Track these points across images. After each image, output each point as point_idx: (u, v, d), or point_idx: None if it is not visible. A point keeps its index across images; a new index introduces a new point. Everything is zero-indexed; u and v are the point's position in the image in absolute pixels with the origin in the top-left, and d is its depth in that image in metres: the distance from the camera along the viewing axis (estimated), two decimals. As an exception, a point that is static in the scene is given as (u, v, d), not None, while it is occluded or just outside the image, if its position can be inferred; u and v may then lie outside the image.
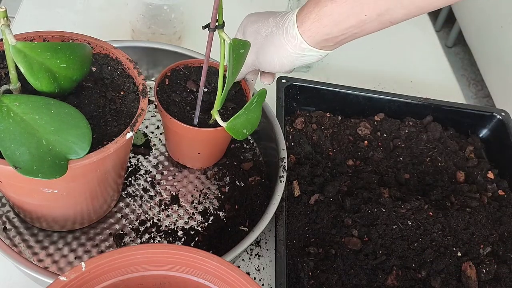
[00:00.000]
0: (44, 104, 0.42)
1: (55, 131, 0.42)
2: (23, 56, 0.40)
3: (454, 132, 0.74)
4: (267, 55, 0.52)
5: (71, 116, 0.43)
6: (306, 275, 0.55)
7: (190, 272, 0.42)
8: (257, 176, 0.63)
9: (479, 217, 0.61)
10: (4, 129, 0.40)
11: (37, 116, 0.41)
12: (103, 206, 0.56)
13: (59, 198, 0.49)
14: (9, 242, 0.54)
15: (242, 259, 0.59)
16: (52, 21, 0.81)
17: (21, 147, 0.40)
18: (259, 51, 0.53)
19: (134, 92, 0.50)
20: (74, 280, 0.39)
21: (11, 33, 0.39)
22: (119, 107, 0.49)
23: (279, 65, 0.52)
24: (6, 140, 0.40)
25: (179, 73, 0.60)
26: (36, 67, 0.41)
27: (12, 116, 0.41)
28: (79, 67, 0.45)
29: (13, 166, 0.39)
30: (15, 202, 0.52)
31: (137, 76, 0.50)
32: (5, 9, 0.38)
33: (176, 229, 0.58)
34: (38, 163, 0.40)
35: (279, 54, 0.51)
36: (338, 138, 0.70)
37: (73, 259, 0.54)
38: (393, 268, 0.56)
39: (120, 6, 0.86)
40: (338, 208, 0.61)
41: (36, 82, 0.42)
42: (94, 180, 0.49)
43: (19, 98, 0.42)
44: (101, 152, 0.43)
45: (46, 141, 0.41)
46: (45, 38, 0.50)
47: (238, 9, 0.92)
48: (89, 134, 0.43)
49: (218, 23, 0.45)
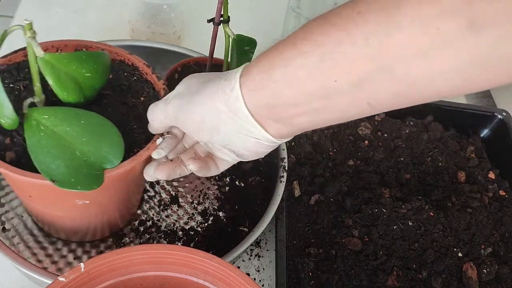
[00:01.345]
0: (73, 115, 0.42)
1: (88, 141, 0.41)
2: (51, 68, 0.39)
3: (455, 132, 0.74)
4: (190, 104, 0.38)
5: (101, 126, 0.42)
6: (307, 276, 0.55)
7: (190, 273, 0.42)
8: (257, 176, 0.63)
9: (480, 217, 0.61)
10: (36, 143, 0.39)
11: (68, 127, 0.41)
12: (129, 212, 0.56)
13: (89, 208, 0.48)
14: (8, 242, 0.54)
15: (242, 259, 0.59)
16: (51, 21, 0.81)
17: (56, 160, 0.39)
18: (183, 99, 0.39)
19: (155, 97, 0.49)
20: (73, 280, 0.39)
21: (38, 45, 0.38)
22: (142, 113, 0.47)
23: (197, 122, 0.38)
24: (39, 154, 0.39)
25: (189, 69, 0.60)
26: (63, 78, 0.40)
27: (42, 129, 0.40)
28: (101, 76, 0.45)
29: (50, 179, 0.38)
30: (41, 215, 0.51)
31: (156, 81, 0.49)
32: (30, 22, 0.37)
33: (175, 230, 0.58)
34: (75, 175, 0.39)
35: (203, 106, 0.37)
36: (339, 138, 0.70)
37: (72, 260, 0.54)
38: (393, 268, 0.56)
39: (120, 5, 0.86)
40: (338, 209, 0.60)
41: (64, 93, 0.41)
42: (123, 188, 0.49)
43: (47, 110, 0.41)
44: (134, 159, 0.43)
45: (80, 152, 0.40)
46: (58, 47, 0.49)
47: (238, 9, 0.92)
48: (121, 142, 0.42)
49: (223, 18, 0.45)
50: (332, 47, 0.30)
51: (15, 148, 0.42)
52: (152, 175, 0.44)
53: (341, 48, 0.29)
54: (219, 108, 0.36)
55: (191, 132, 0.40)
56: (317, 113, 0.33)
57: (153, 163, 0.45)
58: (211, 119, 0.37)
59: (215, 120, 0.37)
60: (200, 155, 0.45)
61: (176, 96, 0.40)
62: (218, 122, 0.37)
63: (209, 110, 0.37)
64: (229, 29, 0.45)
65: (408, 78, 0.28)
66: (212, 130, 0.38)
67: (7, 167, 0.39)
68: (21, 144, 0.42)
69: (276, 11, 0.86)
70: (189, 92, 0.39)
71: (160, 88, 0.49)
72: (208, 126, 0.38)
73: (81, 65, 0.42)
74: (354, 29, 0.29)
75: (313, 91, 0.32)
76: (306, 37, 0.31)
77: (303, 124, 0.35)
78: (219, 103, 0.36)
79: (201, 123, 0.38)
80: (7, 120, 0.39)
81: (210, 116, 0.37)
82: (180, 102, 0.39)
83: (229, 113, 0.36)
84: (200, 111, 0.37)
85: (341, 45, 0.29)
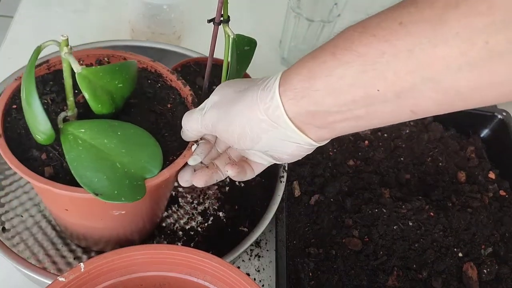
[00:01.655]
0: (109, 126, 0.41)
1: (127, 152, 0.41)
2: (88, 82, 0.39)
3: (455, 132, 0.74)
4: (229, 115, 0.38)
5: (138, 136, 0.42)
6: (307, 276, 0.55)
7: (190, 273, 0.42)
8: (257, 176, 0.63)
9: (480, 217, 0.61)
10: (76, 157, 0.39)
11: (106, 140, 0.41)
12: (157, 217, 0.56)
13: (124, 218, 0.48)
14: (8, 242, 0.54)
15: (242, 259, 0.59)
16: (51, 21, 0.81)
17: (97, 173, 0.39)
18: (221, 109, 0.39)
19: (182, 103, 0.49)
20: (73, 281, 0.39)
21: (76, 61, 0.38)
22: (171, 120, 0.47)
23: (237, 133, 0.38)
24: (80, 168, 0.39)
25: (189, 69, 0.60)
26: (99, 92, 0.40)
27: (80, 143, 0.40)
28: (131, 85, 0.44)
29: (94, 193, 0.38)
30: (75, 228, 0.50)
31: (182, 87, 0.49)
32: (67, 37, 0.37)
33: (176, 230, 0.58)
34: (118, 187, 0.39)
35: (243, 116, 0.37)
36: (339, 138, 0.70)
37: (72, 260, 0.54)
38: (394, 268, 0.56)
39: (120, 5, 0.86)
40: (338, 209, 0.60)
41: (98, 106, 0.41)
42: (157, 195, 0.49)
43: (82, 124, 0.41)
44: (172, 168, 0.42)
45: (120, 164, 0.40)
46: (80, 58, 0.49)
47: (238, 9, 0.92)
48: (159, 151, 0.42)
49: (223, 18, 0.45)
50: (374, 58, 0.29)
51: (52, 163, 0.42)
52: (188, 181, 0.44)
53: (383, 59, 0.29)
54: (259, 117, 0.36)
55: (231, 141, 0.40)
56: (360, 119, 0.33)
57: (188, 169, 0.44)
58: (252, 128, 0.37)
59: (255, 129, 0.37)
60: (234, 159, 0.45)
61: (213, 106, 0.40)
62: (259, 131, 0.37)
63: (249, 120, 0.37)
64: (229, 29, 0.45)
65: (454, 89, 0.28)
66: (253, 139, 0.38)
67: (49, 182, 0.39)
68: (58, 159, 0.42)
69: (276, 11, 0.86)
70: (226, 102, 0.39)
71: (187, 94, 0.48)
72: (249, 135, 0.38)
73: (114, 77, 0.41)
74: (397, 40, 0.28)
75: (356, 100, 0.32)
76: (346, 47, 0.31)
77: (344, 128, 0.35)
78: (259, 113, 0.36)
79: (242, 133, 0.38)
80: (43, 135, 0.39)
81: (251, 126, 0.37)
82: (218, 112, 0.40)
83: (270, 121, 0.36)
84: (239, 121, 0.38)
85: (383, 56, 0.29)
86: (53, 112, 0.44)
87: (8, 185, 0.58)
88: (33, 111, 0.38)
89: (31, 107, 0.38)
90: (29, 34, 0.78)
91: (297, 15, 0.74)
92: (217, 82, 0.59)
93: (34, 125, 0.39)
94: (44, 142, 0.40)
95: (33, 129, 0.39)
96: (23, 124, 0.43)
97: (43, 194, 0.46)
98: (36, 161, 0.42)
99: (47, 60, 0.47)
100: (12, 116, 0.44)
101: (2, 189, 0.58)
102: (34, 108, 0.38)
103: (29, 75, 0.37)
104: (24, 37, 0.77)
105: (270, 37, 0.85)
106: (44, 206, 0.57)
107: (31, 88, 0.37)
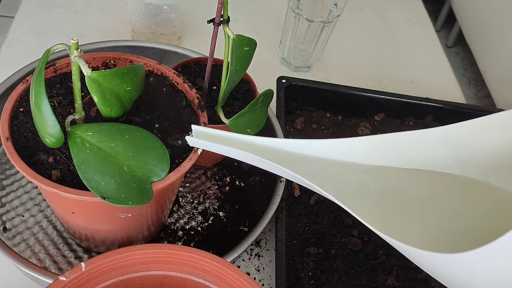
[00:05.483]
0: (117, 130, 0.41)
1: (133, 156, 0.41)
2: (97, 86, 0.39)
3: (455, 132, 0.74)
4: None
5: (145, 139, 0.42)
6: (306, 275, 0.55)
7: (190, 272, 0.42)
8: (257, 176, 0.63)
9: (479, 217, 0.61)
10: (84, 160, 0.39)
11: (113, 143, 0.40)
12: (163, 219, 0.56)
13: (130, 221, 0.48)
14: (9, 242, 0.54)
15: (242, 259, 0.59)
16: (51, 21, 0.81)
17: (104, 176, 0.39)
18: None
19: (188, 106, 0.49)
20: (74, 280, 0.39)
21: (86, 64, 0.38)
22: (177, 124, 0.47)
23: None
24: (87, 171, 0.39)
25: (189, 70, 0.60)
26: (108, 95, 0.40)
27: (88, 146, 0.40)
28: (139, 88, 0.44)
29: (101, 197, 0.38)
30: (81, 230, 0.50)
31: (188, 90, 0.49)
32: (77, 41, 0.37)
33: (176, 229, 0.58)
34: (125, 191, 0.39)
35: None
36: (339, 138, 0.70)
37: (73, 259, 0.54)
38: (393, 268, 0.56)
39: (120, 6, 0.86)
40: (338, 208, 0.60)
41: (107, 109, 0.41)
42: (163, 198, 0.49)
43: (90, 127, 0.41)
44: (179, 171, 0.42)
45: (128, 167, 0.40)
46: (87, 61, 0.49)
47: (238, 9, 0.92)
48: (166, 154, 0.42)
49: (223, 18, 0.45)
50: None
51: (59, 167, 0.42)
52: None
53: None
54: None
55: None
56: None
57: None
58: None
59: None
60: None
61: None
62: None
63: None
64: (229, 30, 0.46)
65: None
66: None
67: (56, 186, 0.39)
68: (65, 162, 0.42)
69: (276, 11, 0.87)
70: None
71: (194, 97, 0.48)
72: None
73: (123, 80, 0.41)
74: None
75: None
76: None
77: None
78: None
79: None
80: (52, 139, 0.39)
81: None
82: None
83: None
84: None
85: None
86: (60, 115, 0.44)
87: (9, 184, 0.58)
88: (42, 114, 0.38)
89: (41, 110, 0.38)
90: (29, 35, 0.78)
91: (297, 15, 0.74)
92: (217, 82, 0.59)
93: (43, 128, 0.39)
94: (53, 145, 0.40)
95: (42, 132, 0.39)
96: (30, 127, 0.43)
97: (50, 197, 0.46)
98: (43, 164, 0.42)
99: (53, 63, 0.47)
100: (19, 119, 0.44)
101: (3, 188, 0.58)
102: (44, 111, 0.38)
103: (39, 78, 0.37)
104: (25, 38, 0.77)
105: (270, 37, 0.86)
106: (45, 206, 0.57)
107: (41, 91, 0.37)
